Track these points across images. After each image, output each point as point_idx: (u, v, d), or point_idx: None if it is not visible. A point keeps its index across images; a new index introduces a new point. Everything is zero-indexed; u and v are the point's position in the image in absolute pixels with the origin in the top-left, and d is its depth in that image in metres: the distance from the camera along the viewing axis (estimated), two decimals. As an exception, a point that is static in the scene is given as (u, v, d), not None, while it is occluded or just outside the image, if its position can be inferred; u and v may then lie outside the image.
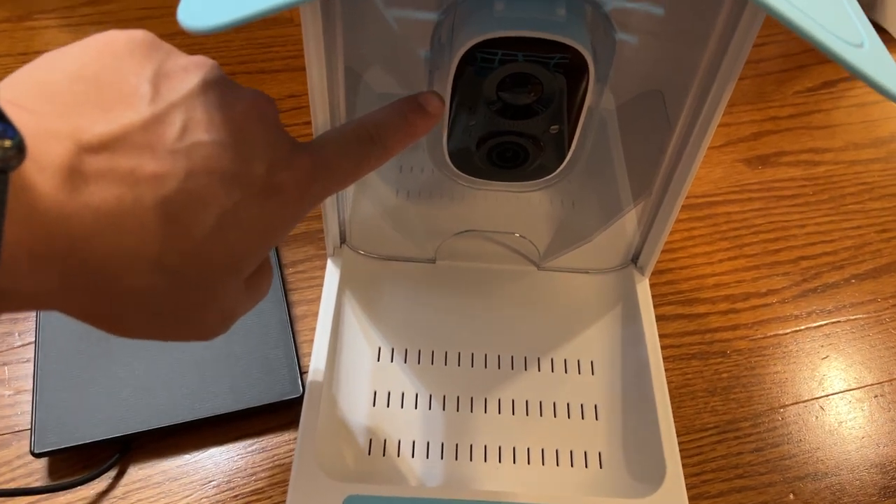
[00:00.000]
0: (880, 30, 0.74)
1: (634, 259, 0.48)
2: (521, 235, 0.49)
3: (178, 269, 0.23)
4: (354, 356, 0.45)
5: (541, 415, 0.43)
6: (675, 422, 0.41)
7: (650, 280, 0.48)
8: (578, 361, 0.45)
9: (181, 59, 0.26)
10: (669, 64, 0.45)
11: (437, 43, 0.38)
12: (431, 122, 0.32)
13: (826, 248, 0.55)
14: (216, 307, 0.26)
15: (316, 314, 0.45)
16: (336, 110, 0.39)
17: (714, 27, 0.36)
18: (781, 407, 0.47)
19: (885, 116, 0.66)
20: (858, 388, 0.48)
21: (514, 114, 0.38)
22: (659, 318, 0.47)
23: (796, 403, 0.47)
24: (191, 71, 0.25)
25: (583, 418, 0.43)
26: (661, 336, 0.45)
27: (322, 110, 0.38)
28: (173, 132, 0.23)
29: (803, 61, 0.71)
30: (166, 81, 0.24)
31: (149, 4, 0.70)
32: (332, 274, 0.47)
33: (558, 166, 0.41)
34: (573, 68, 0.35)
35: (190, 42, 0.67)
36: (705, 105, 0.38)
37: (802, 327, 0.51)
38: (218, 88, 0.25)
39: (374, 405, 0.43)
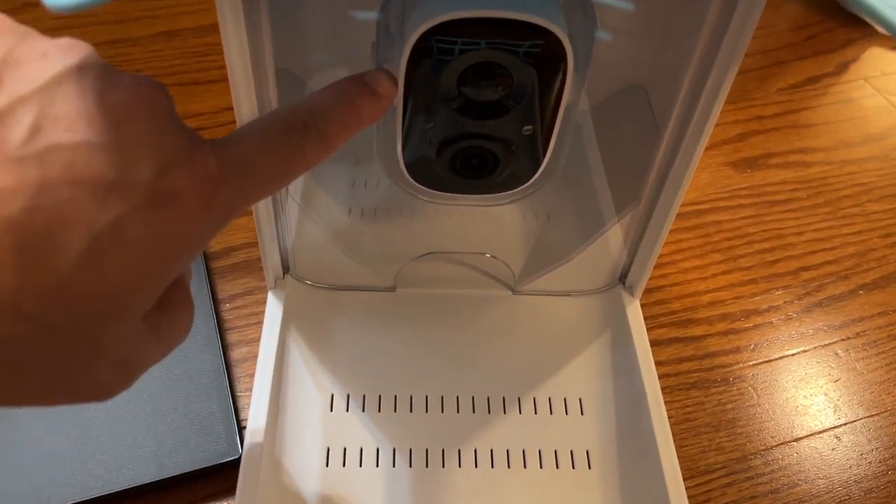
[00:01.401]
0: (858, 21, 0.70)
1: (622, 278, 0.43)
2: (492, 256, 0.42)
3: (38, 313, 0.17)
4: (302, 406, 0.38)
5: (524, 466, 0.37)
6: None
7: (639, 301, 0.42)
8: (565, 400, 0.39)
9: (40, 43, 0.20)
10: (653, 55, 0.39)
11: (383, 32, 0.32)
12: (382, 106, 0.27)
13: (827, 257, 0.50)
14: (104, 358, 0.20)
15: (257, 357, 0.39)
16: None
17: (707, 12, 0.31)
18: (794, 440, 0.41)
19: (874, 112, 0.62)
20: (878, 413, 0.43)
21: (479, 113, 0.31)
22: (651, 344, 0.41)
23: (811, 435, 0.42)
24: (51, 56, 0.19)
25: (573, 468, 0.37)
26: (655, 364, 0.39)
27: (250, 119, 0.32)
28: (20, 133, 0.17)
29: (783, 57, 0.66)
30: (15, 70, 0.19)
31: (67, 14, 0.63)
32: (273, 309, 0.40)
33: (533, 174, 0.35)
34: (547, 57, 0.30)
35: (114, 53, 0.60)
36: (700, 101, 0.33)
37: (810, 347, 0.45)
38: (88, 76, 0.19)
39: (327, 465, 0.36)
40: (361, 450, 0.37)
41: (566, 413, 0.39)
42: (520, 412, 0.38)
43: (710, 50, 0.31)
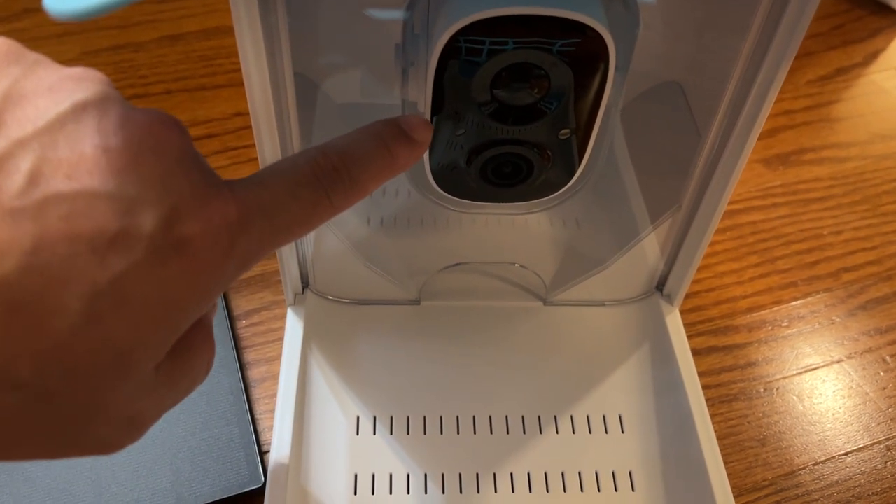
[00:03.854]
0: (886, 9, 0.67)
1: (659, 286, 0.40)
2: (521, 266, 0.40)
3: (33, 379, 0.16)
4: (327, 430, 0.36)
5: (564, 490, 0.35)
6: (727, 486, 0.33)
7: (677, 309, 0.40)
8: (604, 417, 0.37)
9: (49, 75, 0.18)
10: (692, 49, 0.37)
11: (409, 34, 0.30)
12: (416, 153, 0.25)
13: (869, 257, 0.48)
14: (109, 418, 0.18)
15: (277, 377, 0.37)
16: (286, 129, 0.31)
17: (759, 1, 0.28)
18: (844, 454, 0.39)
19: (908, 103, 0.59)
20: (932, 423, 0.40)
21: (513, 117, 0.29)
22: (690, 354, 0.39)
23: (861, 449, 0.39)
24: (58, 91, 0.18)
25: (616, 490, 0.35)
26: (696, 376, 0.37)
27: (268, 130, 0.30)
28: (17, 182, 0.16)
29: (809, 48, 0.64)
30: (17, 108, 0.17)
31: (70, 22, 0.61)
32: (293, 327, 0.38)
33: (568, 180, 0.33)
34: (586, 56, 0.28)
35: (118, 59, 0.58)
36: (749, 98, 0.31)
37: (856, 353, 0.43)
38: (95, 115, 0.17)
39: (355, 493, 0.34)
40: (391, 476, 0.34)
41: (606, 432, 0.36)
42: (557, 432, 0.36)
43: (761, 42, 0.29)
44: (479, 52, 0.27)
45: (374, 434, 0.36)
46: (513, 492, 0.34)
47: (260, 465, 0.36)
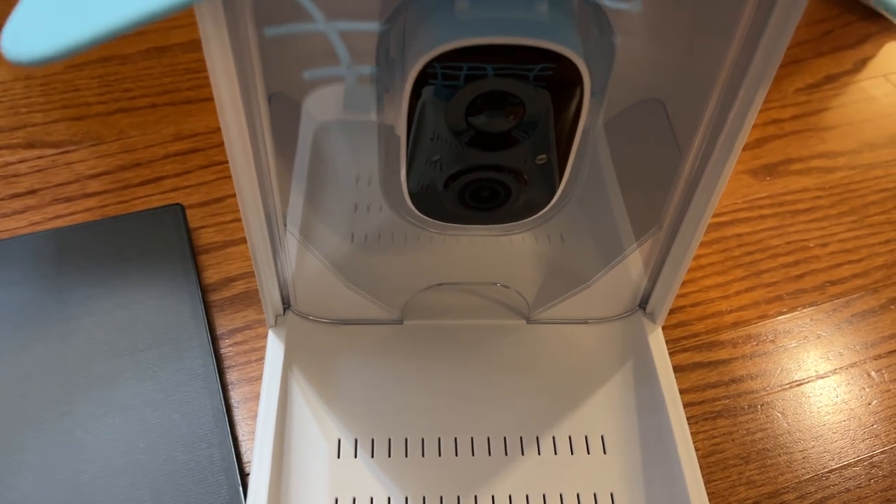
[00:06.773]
0: (875, 14, 0.67)
1: (642, 303, 0.40)
2: (502, 285, 0.40)
3: None
4: (308, 454, 0.36)
5: (545, 512, 0.34)
6: None
7: (660, 325, 0.40)
8: (586, 438, 0.37)
9: None
10: (673, 66, 0.37)
11: (384, 58, 0.30)
12: None
13: (855, 270, 0.48)
14: None
15: (259, 400, 0.36)
16: (260, 149, 0.30)
17: (740, 13, 0.28)
18: (829, 471, 0.39)
19: (897, 111, 0.59)
20: (917, 439, 0.40)
21: (489, 143, 0.29)
22: (674, 370, 0.39)
23: (845, 466, 0.39)
24: None
25: (597, 512, 0.35)
26: (679, 393, 0.37)
27: (242, 152, 0.29)
28: None
29: (797, 55, 0.63)
30: None
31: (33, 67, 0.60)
32: (274, 348, 0.38)
33: (547, 203, 0.33)
34: (562, 81, 0.27)
35: (103, 73, 0.58)
36: (730, 115, 0.30)
37: (842, 367, 0.43)
38: None
39: (335, 517, 0.34)
40: (372, 499, 0.34)
41: (588, 452, 0.36)
42: (539, 453, 0.36)
43: (741, 57, 0.29)
44: (450, 77, 0.26)
45: (356, 457, 0.36)
46: (494, 515, 0.34)
47: (241, 488, 0.35)
